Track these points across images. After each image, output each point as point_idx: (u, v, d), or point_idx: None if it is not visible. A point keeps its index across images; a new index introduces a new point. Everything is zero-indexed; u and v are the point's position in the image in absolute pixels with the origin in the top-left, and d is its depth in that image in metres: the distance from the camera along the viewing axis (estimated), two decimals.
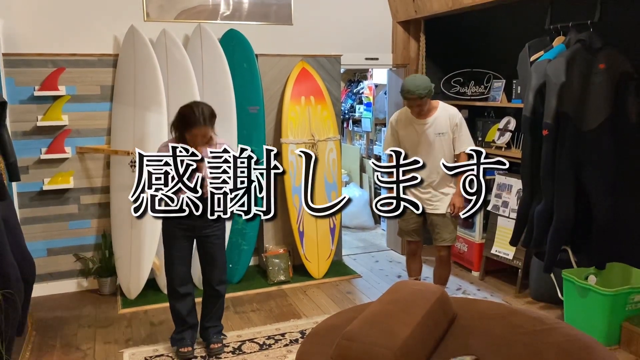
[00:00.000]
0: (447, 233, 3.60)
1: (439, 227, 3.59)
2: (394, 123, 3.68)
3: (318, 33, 4.73)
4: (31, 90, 3.99)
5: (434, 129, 3.52)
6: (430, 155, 3.47)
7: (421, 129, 3.54)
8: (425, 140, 3.53)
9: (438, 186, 3.54)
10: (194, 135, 2.94)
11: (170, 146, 2.74)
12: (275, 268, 4.45)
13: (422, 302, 2.32)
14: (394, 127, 3.67)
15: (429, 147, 3.52)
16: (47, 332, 3.61)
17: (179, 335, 3.24)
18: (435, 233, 3.63)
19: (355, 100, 6.96)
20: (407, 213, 3.40)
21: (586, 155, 3.31)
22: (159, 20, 4.25)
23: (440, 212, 3.56)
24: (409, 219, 3.61)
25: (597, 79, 3.25)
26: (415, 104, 3.47)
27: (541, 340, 2.29)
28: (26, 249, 2.97)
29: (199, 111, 2.94)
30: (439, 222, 3.58)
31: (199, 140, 2.95)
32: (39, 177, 4.11)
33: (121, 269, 4.16)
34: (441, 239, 3.61)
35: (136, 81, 4.07)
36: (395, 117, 3.71)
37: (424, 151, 3.49)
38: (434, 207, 3.56)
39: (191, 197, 2.80)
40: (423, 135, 3.53)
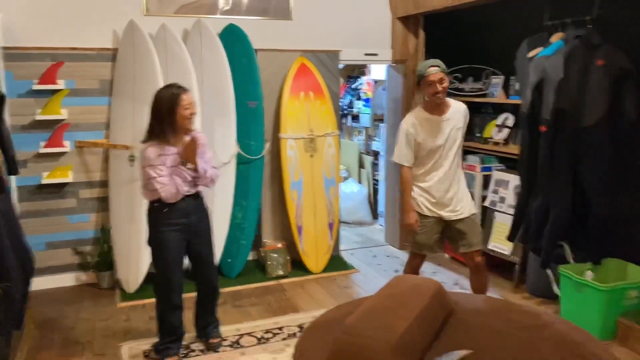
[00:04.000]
0: (475, 237, 3.33)
1: (467, 233, 3.31)
2: (409, 128, 3.28)
3: (317, 28, 4.74)
4: (30, 84, 4.00)
5: (453, 123, 3.28)
6: (451, 150, 3.29)
7: (443, 124, 3.27)
8: (448, 136, 3.27)
9: (459, 183, 3.35)
10: (189, 107, 2.84)
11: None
12: (273, 263, 4.47)
13: (420, 296, 2.33)
14: (408, 132, 3.28)
15: (452, 143, 3.28)
16: (46, 326, 3.62)
17: (165, 345, 3.11)
18: (463, 239, 3.32)
19: (354, 96, 6.96)
20: (428, 225, 3.34)
21: (584, 151, 3.32)
22: (159, 14, 4.25)
23: (465, 216, 3.32)
24: (430, 232, 3.34)
25: (595, 76, 3.26)
26: (438, 79, 3.15)
27: (537, 334, 2.31)
28: (25, 243, 2.98)
29: (173, 85, 2.91)
30: (465, 227, 3.32)
31: (193, 109, 2.87)
32: (38, 171, 4.12)
33: (120, 263, 4.17)
34: (469, 245, 3.31)
35: (135, 75, 4.07)
36: (409, 121, 3.30)
37: (447, 147, 3.28)
38: (457, 213, 3.31)
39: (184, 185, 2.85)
40: (445, 132, 3.26)
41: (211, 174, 3.02)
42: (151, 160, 2.83)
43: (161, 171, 2.84)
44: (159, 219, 2.95)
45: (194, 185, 3.00)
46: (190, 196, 3.00)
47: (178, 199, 2.91)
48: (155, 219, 2.97)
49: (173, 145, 2.90)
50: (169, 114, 2.83)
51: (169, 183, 2.86)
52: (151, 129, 2.88)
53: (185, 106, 2.85)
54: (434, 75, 3.16)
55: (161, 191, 2.84)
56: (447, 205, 3.31)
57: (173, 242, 2.96)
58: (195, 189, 3.03)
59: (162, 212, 2.92)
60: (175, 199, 2.90)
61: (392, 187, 5.41)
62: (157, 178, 2.84)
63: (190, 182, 2.96)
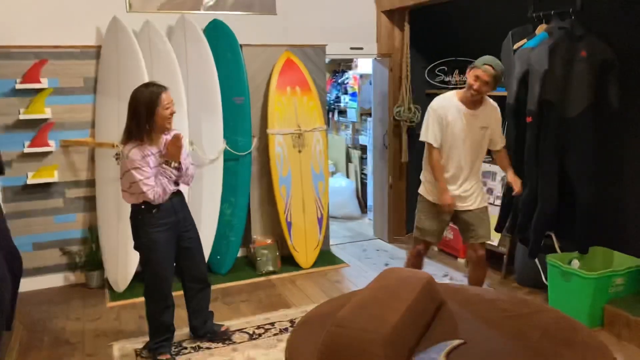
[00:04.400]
0: (482, 229, 3.35)
1: (474, 224, 3.34)
2: (439, 109, 3.26)
3: (302, 23, 4.72)
4: (13, 83, 3.94)
5: (480, 122, 3.28)
6: (471, 148, 3.29)
7: (470, 120, 3.25)
8: (471, 132, 3.26)
9: (471, 181, 3.36)
10: (169, 106, 2.80)
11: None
12: (263, 259, 4.47)
13: (410, 288, 2.34)
14: (439, 113, 3.25)
15: (472, 140, 3.28)
16: (35, 327, 3.59)
17: (158, 344, 3.08)
18: (470, 231, 3.35)
19: (340, 91, 6.96)
20: (434, 212, 3.38)
21: (569, 141, 3.36)
22: (142, 11, 4.21)
23: (474, 208, 3.35)
24: (435, 219, 3.39)
25: (579, 67, 3.30)
26: (483, 79, 3.11)
27: (527, 323, 2.34)
28: (12, 243, 2.95)
29: (152, 83, 2.88)
30: (473, 218, 3.34)
31: (173, 108, 2.83)
32: (23, 171, 4.07)
33: (109, 263, 4.14)
34: (477, 236, 3.34)
35: (119, 73, 4.03)
36: (438, 103, 3.30)
37: (467, 144, 3.27)
38: (466, 204, 3.34)
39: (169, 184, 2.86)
40: (469, 127, 3.25)
41: (192, 171, 3.04)
42: (136, 162, 2.76)
43: (146, 172, 2.79)
44: (147, 221, 2.89)
45: (176, 183, 2.99)
46: (175, 194, 2.99)
47: (165, 199, 2.89)
48: (143, 221, 2.90)
49: (153, 145, 2.85)
50: (148, 114, 2.76)
51: (156, 184, 2.83)
52: (130, 130, 2.80)
53: (166, 105, 2.80)
54: (480, 72, 3.12)
55: (149, 193, 2.79)
56: (455, 194, 3.32)
57: (164, 242, 2.94)
58: (178, 186, 3.01)
59: (151, 213, 2.88)
60: (163, 199, 2.87)
61: (380, 181, 5.43)
62: (144, 180, 2.78)
63: (174, 181, 2.96)
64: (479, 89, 3.14)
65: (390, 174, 5.25)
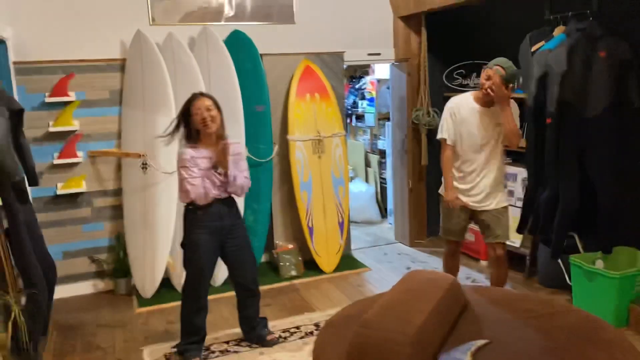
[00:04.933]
0: (500, 229, 3.42)
1: (492, 224, 3.42)
2: (453, 107, 3.42)
3: (320, 31, 4.80)
4: (42, 97, 4.08)
5: (494, 119, 3.35)
6: (486, 145, 3.37)
7: (483, 118, 3.35)
8: (485, 129, 3.35)
9: (488, 178, 3.40)
10: (198, 112, 2.96)
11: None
12: (286, 264, 4.53)
13: (435, 290, 2.38)
14: (453, 111, 3.41)
15: (487, 137, 3.36)
16: (67, 333, 3.69)
17: (186, 345, 3.18)
18: (487, 230, 3.45)
19: (357, 96, 7.02)
20: (453, 212, 3.49)
21: (589, 141, 3.37)
22: (165, 24, 4.32)
23: (492, 208, 3.41)
24: (455, 218, 3.50)
25: (598, 67, 3.31)
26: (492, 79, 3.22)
27: (552, 323, 2.35)
28: (47, 252, 3.06)
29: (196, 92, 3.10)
30: (491, 219, 3.42)
31: (206, 115, 2.95)
32: (53, 182, 4.19)
33: (136, 269, 4.24)
34: (494, 236, 3.41)
35: (144, 85, 4.14)
36: (453, 101, 3.46)
37: (481, 141, 3.36)
38: (483, 205, 3.42)
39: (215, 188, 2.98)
40: (483, 125, 3.35)
41: (241, 182, 3.08)
42: (184, 162, 2.97)
43: (193, 172, 2.96)
44: (192, 222, 3.06)
45: (224, 190, 3.07)
46: (223, 201, 3.08)
47: (208, 202, 3.01)
48: (189, 221, 3.08)
49: (205, 149, 3.02)
50: (184, 117, 3.02)
51: (199, 184, 2.97)
52: (186, 133, 3.06)
53: (195, 111, 2.98)
54: (491, 72, 3.24)
55: (191, 191, 2.95)
56: (471, 194, 3.42)
57: (205, 244, 3.05)
58: (226, 194, 3.09)
59: (196, 214, 3.04)
60: (205, 201, 3.00)
61: (400, 185, 5.46)
62: (188, 179, 2.95)
63: (219, 187, 3.04)
64: (487, 85, 3.25)
65: (409, 177, 5.28)
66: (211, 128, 3.00)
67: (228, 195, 3.11)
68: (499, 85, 3.21)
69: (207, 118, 2.97)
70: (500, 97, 3.23)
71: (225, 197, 3.10)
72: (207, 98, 3.04)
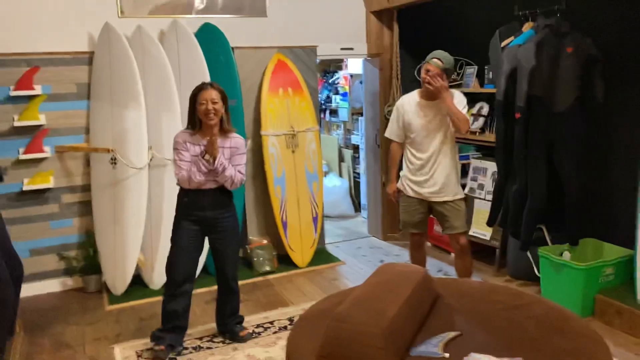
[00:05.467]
0: (457, 221, 3.51)
1: (449, 216, 3.51)
2: (399, 106, 3.59)
3: (293, 24, 4.78)
4: (7, 90, 3.96)
5: (439, 111, 3.44)
6: (434, 138, 3.45)
7: (427, 112, 3.46)
8: (430, 122, 3.45)
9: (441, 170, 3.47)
10: (204, 103, 2.99)
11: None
12: (260, 259, 4.51)
13: (407, 282, 2.40)
14: (398, 109, 3.58)
15: (433, 130, 3.45)
16: (35, 332, 3.61)
17: (160, 332, 3.17)
18: (445, 222, 3.54)
19: (331, 91, 7.02)
20: (411, 205, 3.58)
21: (557, 136, 3.44)
22: (134, 16, 4.24)
23: (448, 199, 3.49)
24: (413, 211, 3.59)
25: (565, 62, 3.38)
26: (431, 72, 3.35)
27: (521, 314, 2.40)
28: (13, 249, 2.98)
29: (205, 81, 3.15)
30: (448, 210, 3.51)
31: (210, 107, 2.98)
32: (18, 178, 4.08)
33: (106, 266, 4.17)
34: (452, 227, 3.51)
35: (112, 78, 4.06)
36: (401, 101, 3.62)
37: (430, 134, 3.45)
38: (439, 196, 3.50)
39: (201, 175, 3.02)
40: (427, 118, 3.45)
41: (231, 174, 3.04)
42: (176, 144, 3.07)
43: (182, 156, 3.03)
44: (178, 208, 3.15)
45: (214, 180, 3.07)
46: (212, 192, 3.08)
47: (191, 187, 3.04)
48: (176, 207, 3.16)
49: (203, 138, 3.06)
50: (191, 106, 3.08)
51: (185, 168, 3.02)
52: (188, 120, 3.12)
53: (201, 101, 3.02)
54: (429, 65, 3.39)
55: (176, 174, 3.06)
56: (426, 186, 3.51)
57: (186, 231, 3.10)
58: (217, 184, 3.08)
59: (182, 201, 3.11)
60: (188, 185, 3.04)
61: (374, 179, 5.49)
62: (177, 161, 3.05)
63: (206, 175, 3.03)
64: (427, 79, 3.38)
65: (382, 172, 5.31)
66: (213, 120, 3.02)
67: (219, 186, 3.10)
68: (435, 76, 3.35)
69: (210, 110, 2.99)
70: (438, 87, 3.35)
71: (215, 187, 3.09)
72: (214, 90, 3.04)
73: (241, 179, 3.14)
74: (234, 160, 3.10)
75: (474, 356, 1.97)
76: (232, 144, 3.11)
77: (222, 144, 3.06)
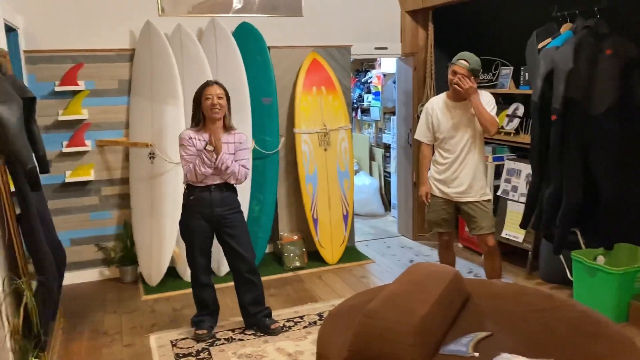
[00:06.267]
0: (484, 221, 3.52)
1: (476, 217, 3.53)
2: (428, 108, 3.64)
3: (328, 24, 4.82)
4: (52, 85, 4.12)
5: (467, 112, 3.48)
6: (462, 139, 3.48)
7: (455, 113, 3.51)
8: (459, 123, 3.49)
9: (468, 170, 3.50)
10: (209, 97, 3.11)
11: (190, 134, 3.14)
12: (290, 254, 4.58)
13: (438, 282, 2.42)
14: (427, 112, 3.62)
15: (461, 131, 3.48)
16: (75, 319, 3.75)
17: (198, 318, 3.41)
18: (472, 222, 3.56)
19: (363, 90, 7.04)
20: (437, 205, 3.62)
21: (594, 138, 3.39)
22: (174, 14, 4.35)
23: (475, 200, 3.51)
24: (439, 211, 3.62)
25: (604, 65, 3.32)
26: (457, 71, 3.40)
27: (553, 316, 2.39)
28: (57, 238, 3.11)
29: (210, 79, 3.28)
30: (475, 210, 3.53)
31: (216, 101, 3.10)
32: (61, 170, 4.25)
33: (142, 258, 4.30)
34: (479, 228, 3.52)
35: (153, 75, 4.18)
36: (430, 103, 3.66)
37: (458, 134, 3.49)
38: (465, 196, 3.52)
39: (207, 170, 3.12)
40: (456, 119, 3.49)
41: (233, 169, 3.17)
42: (181, 140, 3.18)
43: (189, 151, 3.15)
44: (186, 206, 3.26)
45: (218, 175, 3.17)
46: (216, 188, 3.18)
47: (198, 180, 3.15)
48: (183, 205, 3.27)
49: (206, 133, 3.18)
50: (196, 102, 3.19)
51: (192, 162, 3.14)
52: (192, 117, 3.26)
53: (206, 96, 3.14)
54: (456, 67, 3.44)
55: (184, 168, 3.18)
56: (452, 186, 3.53)
57: (195, 228, 3.23)
58: (221, 179, 3.19)
59: (189, 199, 3.22)
60: (194, 178, 3.14)
61: (404, 178, 5.50)
62: (185, 156, 3.16)
63: (210, 167, 3.13)
64: (455, 81, 3.41)
65: (414, 171, 5.31)
66: (217, 114, 3.14)
67: (223, 182, 3.20)
68: (464, 77, 3.37)
69: (216, 105, 3.11)
70: (467, 88, 3.37)
71: (220, 183, 3.20)
72: (219, 87, 3.19)
73: (245, 173, 3.26)
74: (237, 155, 3.22)
75: (505, 356, 1.98)
76: (236, 139, 3.24)
77: (226, 139, 3.19)
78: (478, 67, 3.46)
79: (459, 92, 3.43)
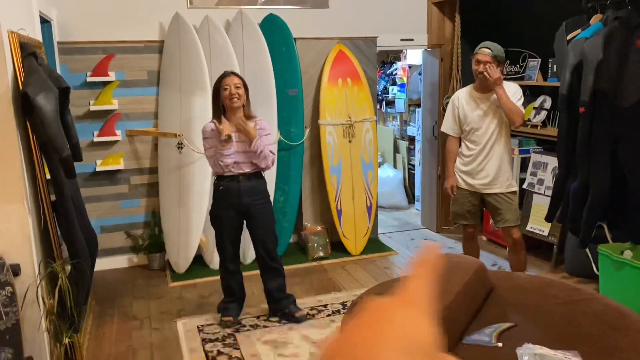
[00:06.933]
0: (509, 214, 3.51)
1: (501, 209, 3.51)
2: (454, 100, 3.63)
3: (354, 15, 4.83)
4: (84, 76, 4.23)
5: (493, 103, 3.47)
6: (488, 130, 3.48)
7: (481, 104, 3.50)
8: (485, 114, 3.48)
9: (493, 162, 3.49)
10: (227, 87, 3.17)
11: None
12: (314, 245, 4.63)
13: (462, 273, 2.44)
14: (454, 104, 3.62)
15: (488, 123, 3.48)
16: (105, 303, 3.87)
17: (224, 304, 3.49)
18: (497, 215, 3.55)
19: (388, 82, 7.02)
20: (463, 197, 3.62)
21: (623, 131, 3.35)
22: (202, 7, 4.42)
23: (500, 192, 3.51)
24: (463, 203, 3.62)
25: (635, 56, 3.27)
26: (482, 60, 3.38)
27: (577, 309, 2.39)
28: (90, 225, 3.21)
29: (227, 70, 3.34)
30: (500, 203, 3.52)
31: (234, 91, 3.16)
32: (92, 159, 4.36)
33: (170, 246, 4.40)
34: (504, 220, 3.51)
35: (181, 66, 4.26)
36: (456, 95, 3.66)
37: (483, 126, 3.48)
38: (490, 187, 3.51)
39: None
40: (481, 110, 3.49)
41: (265, 152, 3.22)
42: (204, 133, 3.27)
43: (212, 141, 3.23)
44: (215, 197, 3.33)
45: (250, 164, 3.23)
46: (245, 177, 3.24)
47: (222, 171, 3.21)
48: (213, 195, 3.35)
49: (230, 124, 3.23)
50: (215, 94, 3.27)
51: (213, 153, 3.22)
52: (213, 109, 3.34)
53: (224, 86, 3.20)
54: (479, 55, 3.42)
55: (208, 160, 3.29)
56: (478, 177, 3.52)
57: (224, 219, 3.32)
58: (250, 167, 3.23)
59: (219, 189, 3.30)
60: (218, 167, 3.22)
61: (429, 171, 5.49)
62: (208, 148, 3.26)
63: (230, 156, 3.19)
64: (481, 70, 3.38)
65: (439, 164, 5.31)
66: (236, 103, 3.20)
67: (252, 171, 3.25)
68: (491, 66, 3.34)
69: (234, 94, 3.17)
70: (495, 78, 3.34)
71: (248, 172, 3.24)
72: (236, 77, 3.25)
73: (273, 159, 3.31)
74: (262, 141, 3.26)
75: (528, 346, 1.99)
76: (259, 126, 3.28)
77: None
78: (502, 54, 3.43)
79: (485, 83, 3.41)
